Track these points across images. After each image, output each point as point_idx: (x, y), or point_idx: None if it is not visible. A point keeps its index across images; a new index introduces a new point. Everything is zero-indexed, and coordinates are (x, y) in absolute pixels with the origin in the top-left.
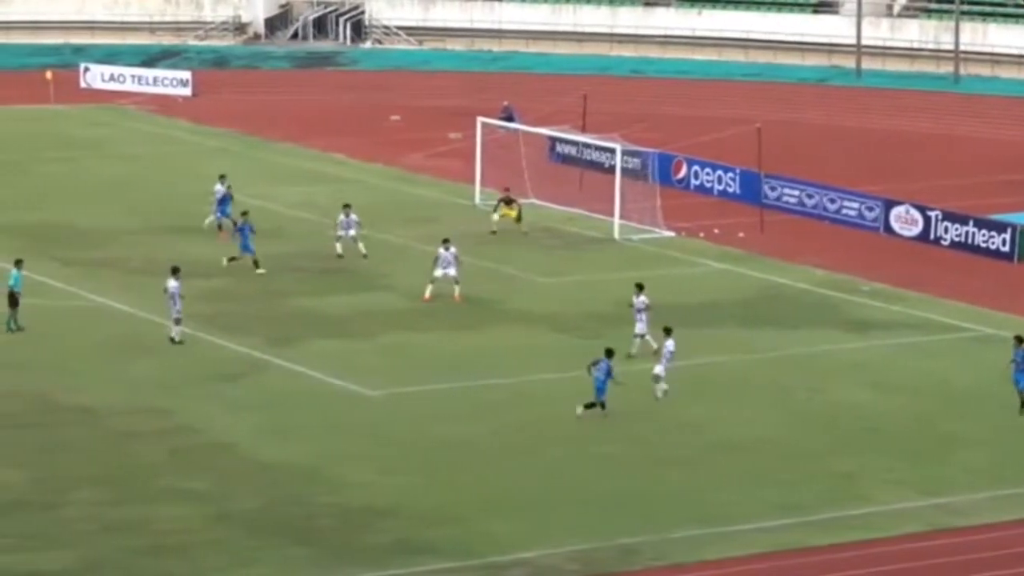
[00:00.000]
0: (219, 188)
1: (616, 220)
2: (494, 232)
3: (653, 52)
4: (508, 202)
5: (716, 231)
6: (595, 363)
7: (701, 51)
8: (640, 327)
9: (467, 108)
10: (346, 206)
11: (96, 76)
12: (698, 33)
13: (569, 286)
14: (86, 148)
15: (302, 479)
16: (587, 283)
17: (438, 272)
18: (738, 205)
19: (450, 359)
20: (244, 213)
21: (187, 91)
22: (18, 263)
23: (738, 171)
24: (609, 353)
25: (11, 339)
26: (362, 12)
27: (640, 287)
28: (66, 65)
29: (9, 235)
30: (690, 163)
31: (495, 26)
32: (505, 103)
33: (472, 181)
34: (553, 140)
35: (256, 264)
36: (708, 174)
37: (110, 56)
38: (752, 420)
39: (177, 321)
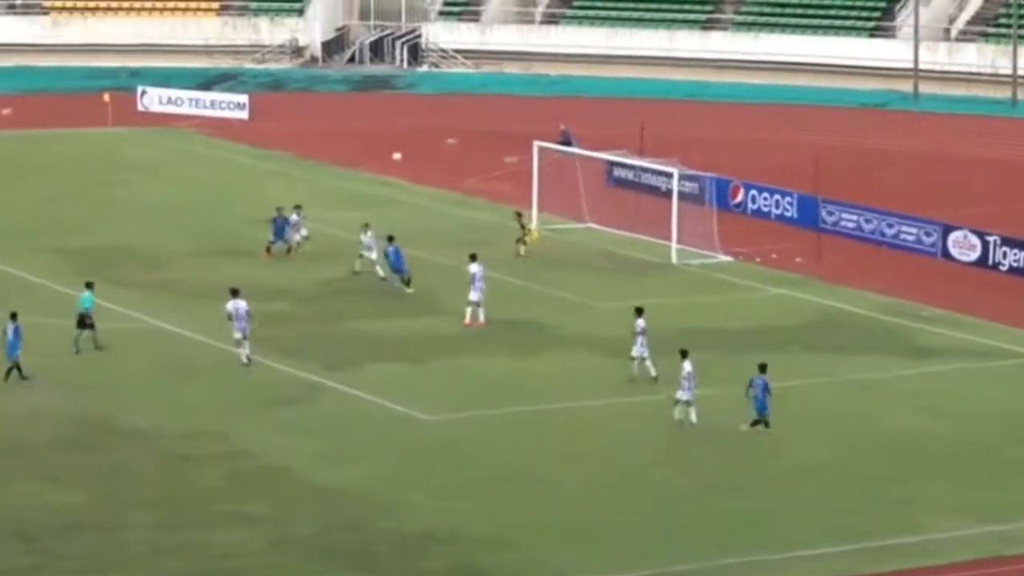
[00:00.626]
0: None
1: (673, 244)
2: (517, 256)
3: (710, 76)
4: (522, 226)
5: (773, 256)
6: (751, 382)
7: (758, 75)
8: (637, 350)
9: (523, 132)
10: (365, 225)
11: (154, 99)
12: (756, 57)
13: (626, 311)
14: (143, 171)
15: (359, 503)
16: (645, 308)
17: (473, 296)
18: (795, 230)
19: (506, 384)
20: (391, 238)
21: (244, 114)
22: (89, 285)
23: (795, 196)
24: (762, 368)
25: (71, 362)
26: (419, 35)
27: (639, 311)
28: (124, 88)
29: (67, 258)
30: (747, 187)
31: (552, 50)
32: (562, 127)
33: (528, 205)
34: (610, 164)
35: (407, 283)
36: (765, 199)
37: (167, 79)
38: (809, 446)
39: (238, 343)
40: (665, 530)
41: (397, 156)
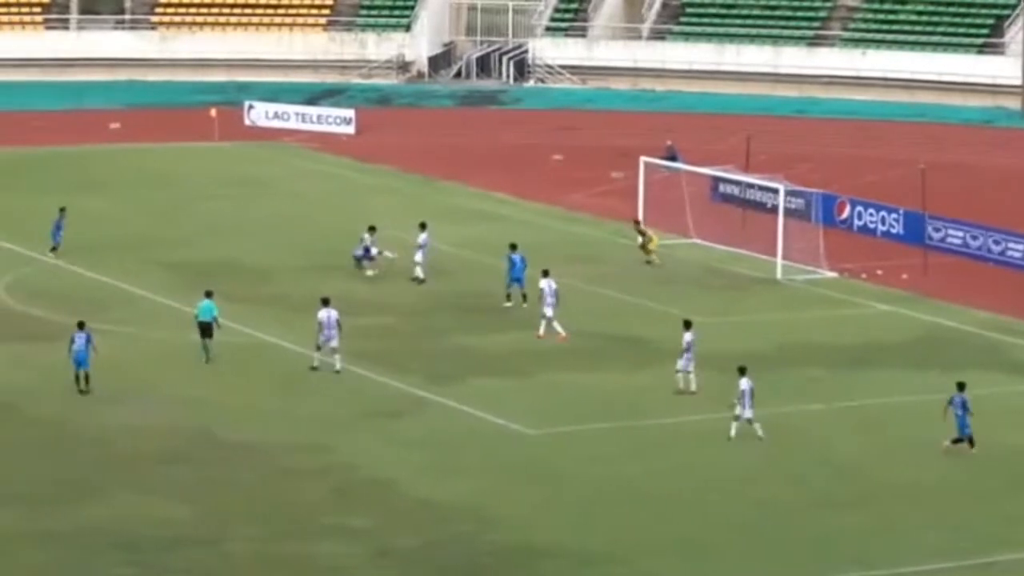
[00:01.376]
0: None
1: (779, 260)
2: (648, 263)
3: (817, 92)
4: (642, 233)
5: (879, 272)
6: (950, 401)
7: (865, 91)
8: (683, 363)
9: (630, 147)
10: (371, 228)
11: (260, 113)
12: (862, 73)
13: (730, 326)
14: (250, 185)
15: (463, 517)
16: (749, 323)
17: (547, 311)
18: (901, 246)
19: (609, 398)
20: (513, 246)
21: (350, 129)
22: (208, 294)
23: (902, 212)
24: (960, 387)
25: (177, 375)
26: (525, 51)
27: (688, 324)
28: (230, 102)
29: (174, 272)
30: (853, 204)
31: (659, 65)
32: (668, 142)
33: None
34: (716, 180)
35: (524, 297)
36: (871, 215)
37: (274, 94)
38: (915, 463)
39: (334, 350)
40: (768, 546)
41: (558, 157)
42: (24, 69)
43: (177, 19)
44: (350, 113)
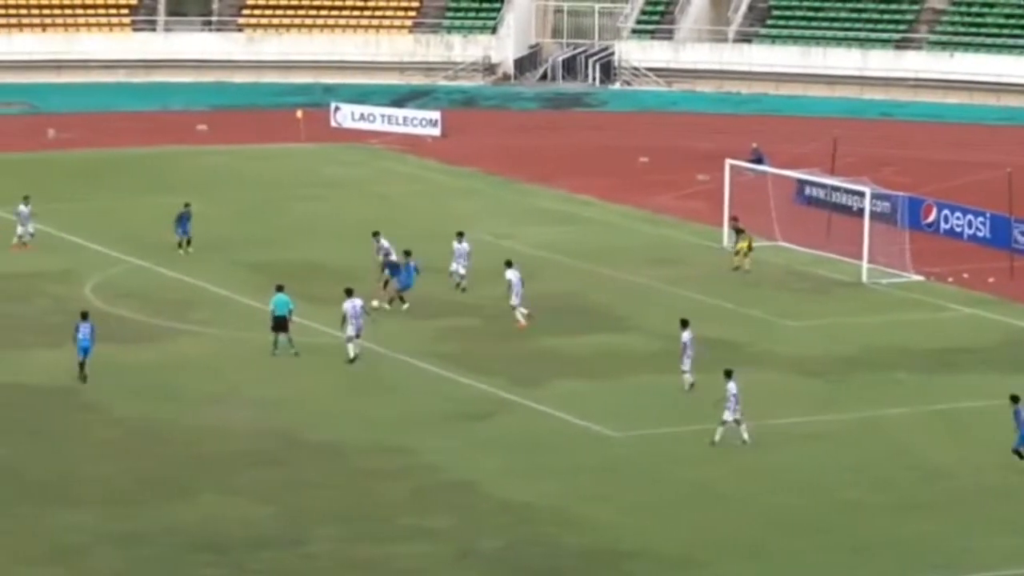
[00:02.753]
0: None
1: (864, 264)
2: (736, 269)
3: (904, 95)
4: (739, 231)
5: (965, 276)
6: (1015, 412)
7: (953, 94)
8: (686, 363)
9: (715, 150)
10: (375, 233)
11: (347, 115)
12: (950, 76)
13: (816, 329)
14: (336, 187)
15: (545, 519)
16: (834, 326)
17: (514, 300)
18: (988, 250)
19: (694, 401)
20: (407, 252)
21: (436, 131)
22: (280, 288)
23: (988, 215)
24: (1015, 399)
25: (260, 376)
26: (611, 53)
27: (685, 323)
28: (317, 104)
29: (259, 272)
30: (940, 207)
31: (745, 68)
32: (754, 145)
33: (720, 223)
34: (801, 183)
35: (403, 300)
36: (958, 218)
37: (360, 96)
38: (1002, 466)
39: (350, 339)
40: (851, 550)
41: (644, 159)
42: (111, 71)
43: (264, 21)
44: (436, 115)
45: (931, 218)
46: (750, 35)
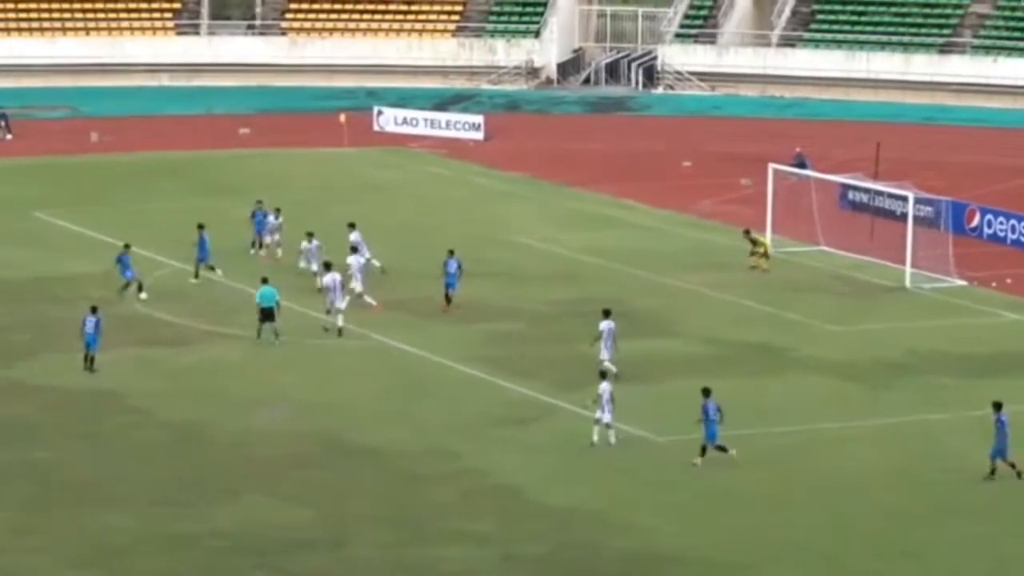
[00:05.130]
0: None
1: (908, 268)
2: (753, 268)
3: (947, 100)
4: (754, 242)
5: (1009, 281)
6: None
7: (996, 99)
8: (604, 352)
9: (759, 154)
10: (308, 234)
11: (389, 119)
12: (993, 81)
13: (859, 334)
14: (379, 190)
15: (589, 524)
16: (877, 331)
17: (356, 286)
18: None
19: (738, 406)
20: (200, 225)
21: (479, 135)
22: (265, 280)
23: None
24: (998, 406)
25: (303, 380)
26: (654, 57)
27: (607, 312)
28: (360, 108)
29: (302, 276)
30: (983, 212)
31: (788, 72)
32: (797, 149)
33: (763, 228)
34: (844, 187)
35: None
36: (1002, 223)
37: (403, 100)
38: None
39: (339, 311)
40: (896, 554)
41: (687, 163)
42: (155, 74)
43: (307, 25)
44: (479, 119)
45: (974, 223)
46: (793, 39)
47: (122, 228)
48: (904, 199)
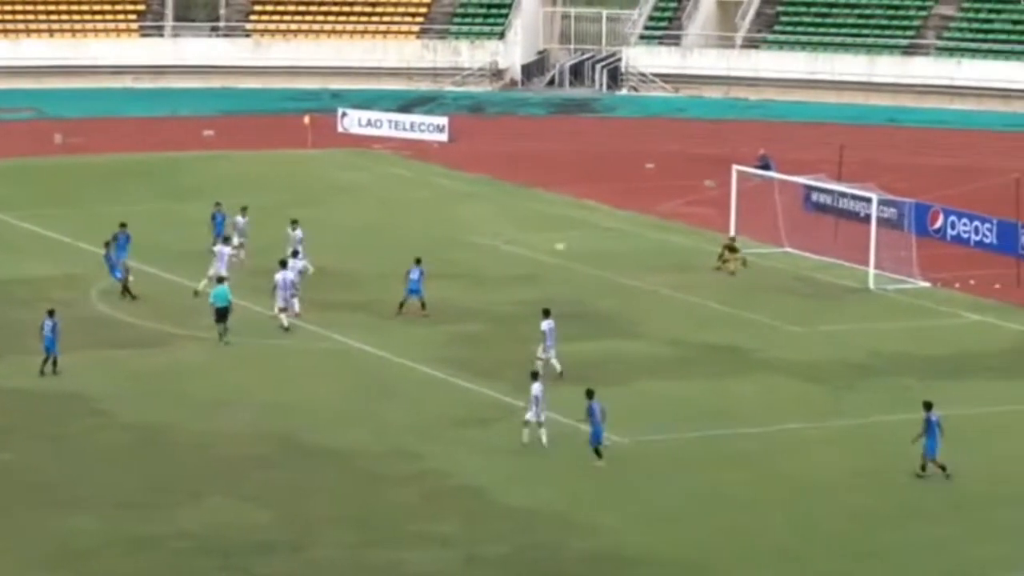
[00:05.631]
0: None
1: (871, 270)
2: (718, 269)
3: (911, 101)
4: (732, 249)
5: (972, 282)
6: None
7: (960, 101)
8: (543, 351)
9: (723, 156)
10: (243, 208)
11: (353, 121)
12: (957, 83)
13: (823, 336)
14: (342, 192)
15: (551, 525)
16: (841, 333)
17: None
18: (995, 256)
19: (701, 407)
20: (122, 224)
21: (443, 137)
22: (221, 280)
23: (995, 222)
24: (928, 406)
25: (266, 381)
26: (619, 59)
27: (547, 312)
28: (324, 110)
29: (265, 278)
30: (947, 213)
31: (752, 74)
32: (761, 151)
33: (726, 229)
34: (808, 189)
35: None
36: (965, 224)
37: (367, 101)
38: (1009, 473)
39: (283, 310)
40: (860, 556)
41: (650, 165)
42: (119, 76)
43: (271, 26)
44: (443, 121)
45: (938, 224)
46: (757, 41)
47: (86, 230)
48: (868, 200)
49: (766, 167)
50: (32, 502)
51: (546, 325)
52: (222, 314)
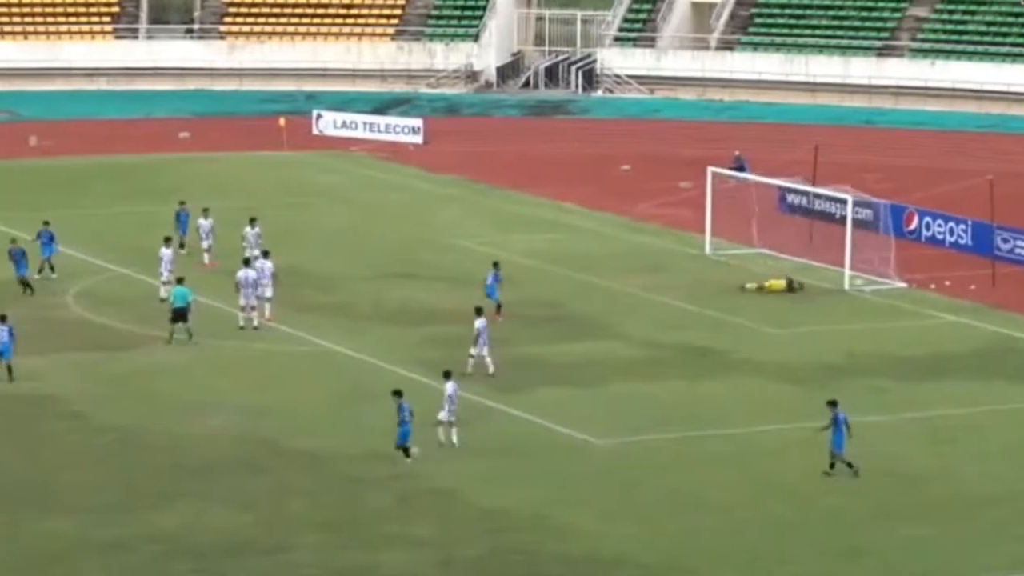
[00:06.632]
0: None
1: (846, 271)
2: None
3: (886, 103)
4: (790, 288)
5: (947, 283)
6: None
7: (934, 102)
8: (477, 349)
9: (698, 157)
10: (204, 209)
11: (328, 123)
12: (931, 84)
13: (798, 337)
14: (317, 194)
15: (527, 527)
16: (817, 334)
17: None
18: (970, 257)
19: (678, 409)
20: (46, 223)
21: (418, 139)
22: (180, 280)
23: (970, 223)
24: (833, 404)
25: (242, 384)
26: (593, 61)
27: (479, 311)
28: (299, 112)
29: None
30: (922, 214)
31: (727, 75)
32: (736, 153)
33: (702, 230)
34: (783, 190)
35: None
36: (940, 226)
37: (342, 103)
38: (984, 473)
39: (243, 308)
40: (838, 557)
41: (625, 167)
42: (93, 78)
43: (246, 28)
44: (418, 122)
45: (913, 225)
46: (732, 43)
47: (61, 232)
48: (843, 202)
49: (741, 168)
50: (4, 505)
51: (479, 323)
52: (179, 314)
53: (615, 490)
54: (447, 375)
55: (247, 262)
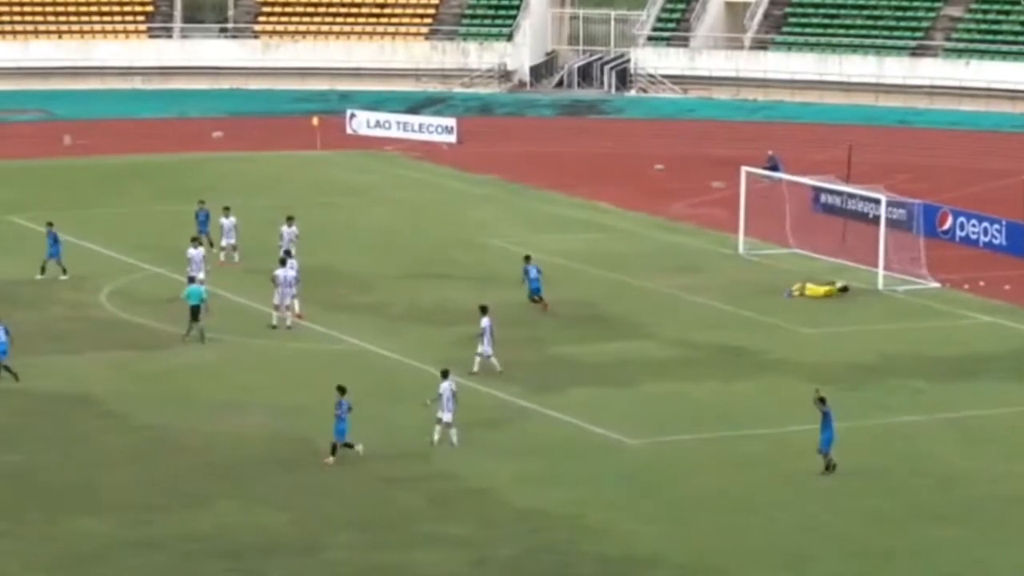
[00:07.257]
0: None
1: (880, 271)
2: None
3: (920, 103)
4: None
5: (981, 283)
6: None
7: (969, 102)
8: (483, 348)
9: (731, 157)
10: (225, 208)
11: (362, 122)
12: (966, 84)
13: (832, 337)
14: (351, 194)
15: (561, 527)
16: (850, 334)
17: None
18: (1004, 257)
19: (711, 409)
20: (49, 223)
21: (452, 138)
22: (191, 280)
23: (1004, 223)
24: (822, 400)
25: (277, 383)
26: (627, 60)
27: (484, 309)
28: (332, 111)
29: (263, 275)
30: (956, 214)
31: (761, 75)
32: (770, 153)
33: (735, 230)
34: (817, 190)
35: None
36: (974, 226)
37: (376, 103)
38: (1018, 474)
39: (276, 307)
40: (871, 557)
41: (659, 166)
42: (127, 77)
43: (280, 28)
44: (451, 122)
45: (947, 226)
46: (766, 42)
47: (95, 231)
48: (876, 202)
49: (775, 168)
50: (40, 504)
51: (485, 322)
52: (196, 312)
53: (649, 490)
54: (444, 374)
55: (283, 261)
